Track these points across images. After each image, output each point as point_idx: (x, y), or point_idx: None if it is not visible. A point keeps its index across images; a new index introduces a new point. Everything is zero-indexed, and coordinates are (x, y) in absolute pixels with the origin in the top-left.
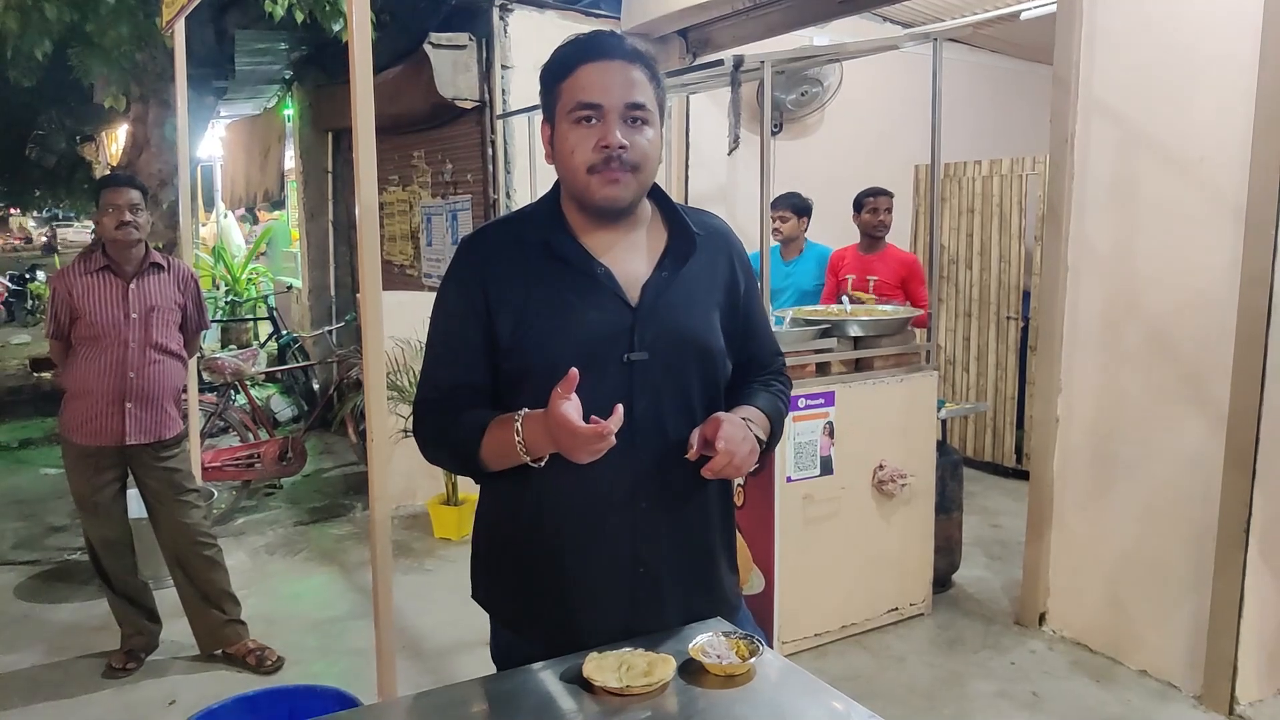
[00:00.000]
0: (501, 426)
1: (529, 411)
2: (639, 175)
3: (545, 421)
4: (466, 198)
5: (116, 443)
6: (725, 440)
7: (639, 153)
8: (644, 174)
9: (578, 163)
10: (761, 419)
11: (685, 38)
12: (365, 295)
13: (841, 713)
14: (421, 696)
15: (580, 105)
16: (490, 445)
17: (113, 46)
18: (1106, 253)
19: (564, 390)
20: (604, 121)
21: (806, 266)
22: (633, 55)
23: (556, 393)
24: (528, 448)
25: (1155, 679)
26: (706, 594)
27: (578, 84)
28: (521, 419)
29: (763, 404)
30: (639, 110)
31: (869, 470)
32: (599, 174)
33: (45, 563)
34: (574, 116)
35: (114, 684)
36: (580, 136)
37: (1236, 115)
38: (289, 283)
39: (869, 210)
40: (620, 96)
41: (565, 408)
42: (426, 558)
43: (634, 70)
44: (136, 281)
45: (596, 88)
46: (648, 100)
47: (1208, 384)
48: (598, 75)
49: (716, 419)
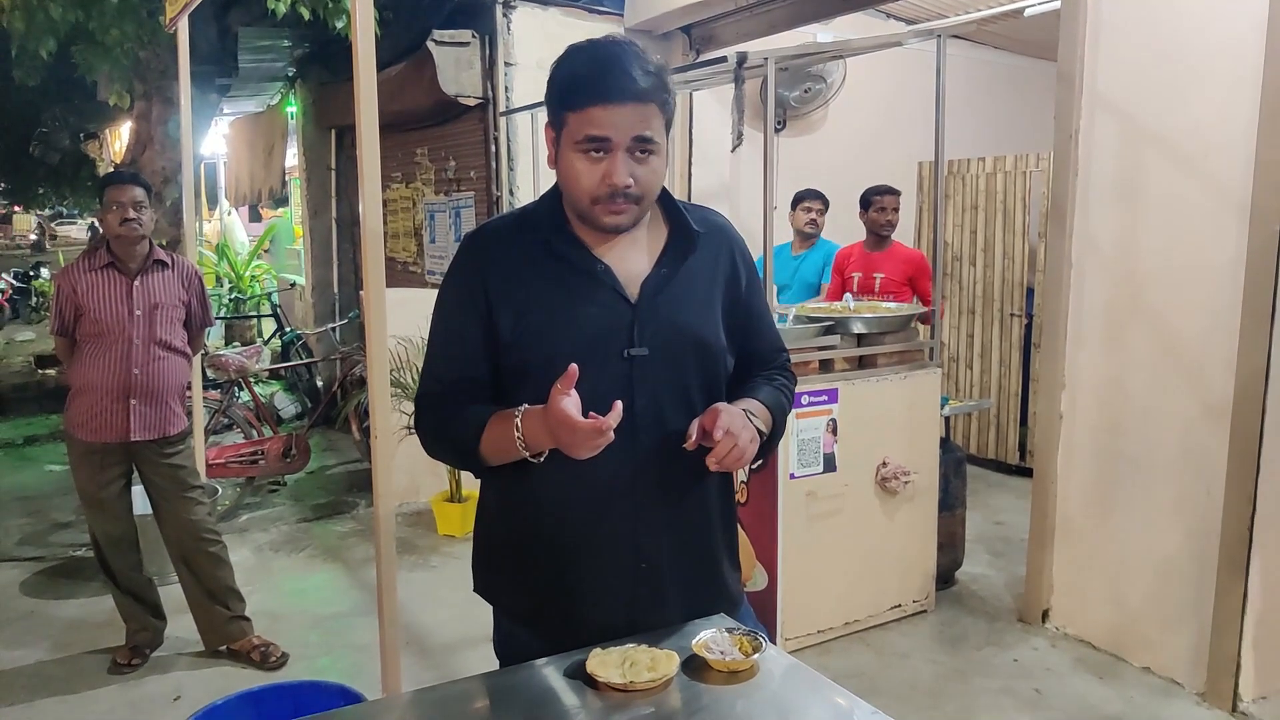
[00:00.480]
0: (501, 422)
1: (529, 407)
2: (642, 205)
3: (544, 417)
4: (470, 195)
5: (121, 439)
6: (724, 428)
7: (644, 186)
8: (646, 202)
9: (582, 190)
10: (763, 411)
11: (689, 34)
12: (369, 292)
13: (845, 709)
14: (424, 692)
15: (589, 139)
16: (490, 440)
17: (116, 44)
18: (1110, 249)
19: (563, 386)
20: (611, 156)
21: (814, 260)
22: (644, 95)
23: (556, 388)
24: (527, 443)
25: (1158, 676)
26: (708, 589)
27: (588, 119)
28: (521, 414)
29: (764, 397)
30: (646, 144)
31: (872, 467)
32: (603, 205)
33: (51, 559)
34: (581, 148)
35: (119, 680)
36: (586, 167)
37: (1241, 110)
38: (293, 280)
39: (876, 209)
40: (628, 132)
41: (565, 403)
42: (430, 554)
43: (647, 107)
44: (141, 279)
45: (606, 125)
46: (655, 134)
47: (1211, 380)
48: (610, 115)
49: (715, 409)
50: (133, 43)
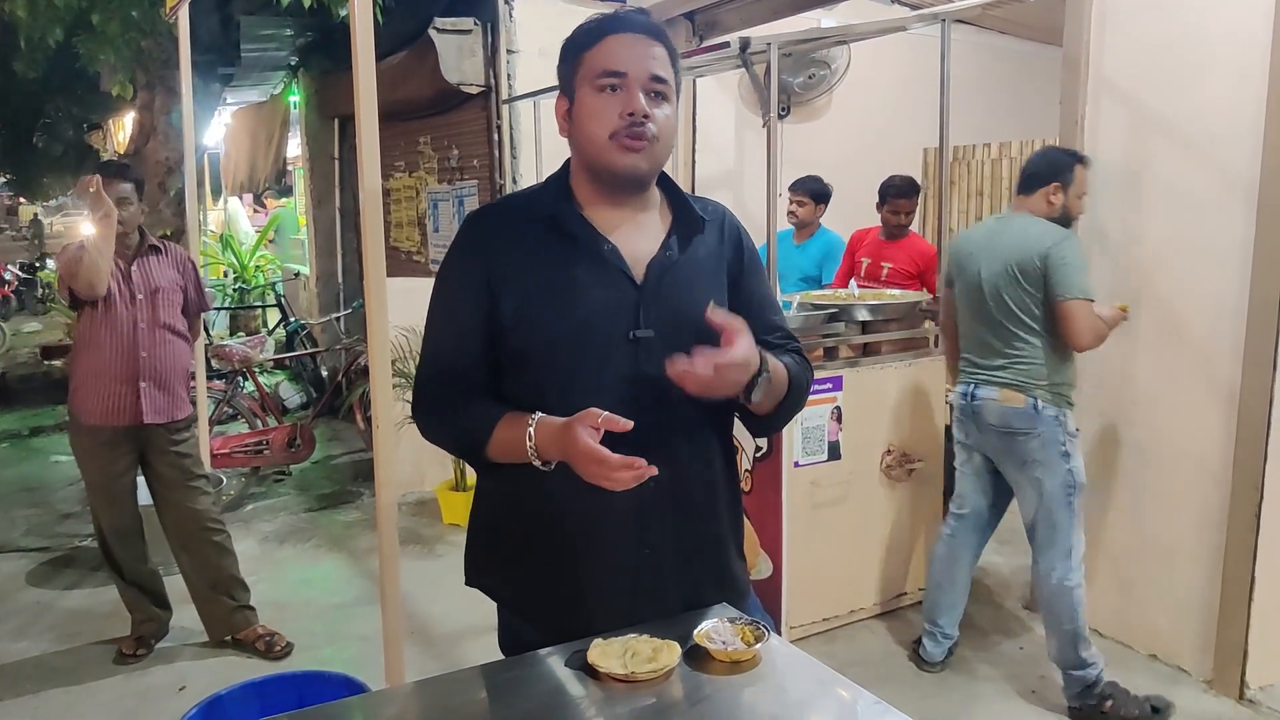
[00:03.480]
0: (513, 427)
1: (543, 417)
2: (656, 147)
3: (561, 441)
4: (473, 183)
5: (134, 422)
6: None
7: (659, 125)
8: (662, 147)
9: (599, 128)
10: (778, 367)
11: (692, 20)
12: (369, 282)
13: (847, 699)
14: (426, 683)
15: (605, 73)
16: (499, 443)
17: (118, 34)
18: (1116, 235)
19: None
20: (627, 90)
21: (811, 251)
22: (656, 32)
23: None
24: (539, 454)
25: (1165, 663)
26: (713, 579)
27: (603, 52)
28: (535, 425)
29: (786, 361)
30: (660, 84)
31: (877, 455)
32: (620, 140)
33: (56, 549)
34: (598, 84)
35: (124, 670)
36: (604, 103)
37: (1248, 96)
38: (297, 270)
39: (890, 209)
40: (644, 68)
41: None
42: (436, 543)
43: (657, 46)
44: (137, 264)
45: (622, 57)
46: (668, 76)
47: (1218, 367)
48: (623, 46)
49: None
50: (135, 32)
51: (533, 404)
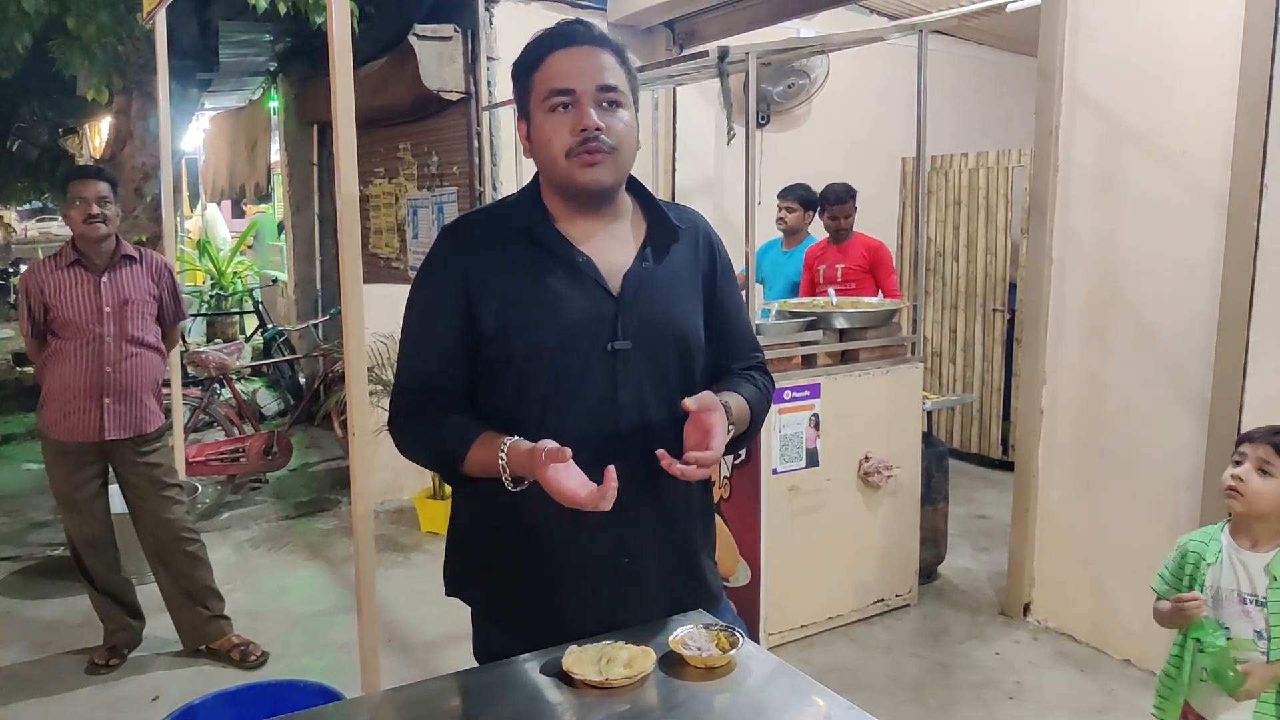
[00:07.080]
0: (488, 448)
1: (515, 441)
2: (617, 157)
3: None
4: (453, 190)
5: (96, 438)
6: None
7: (616, 135)
8: (622, 156)
9: (556, 149)
10: (742, 410)
11: (672, 29)
12: (346, 288)
13: (822, 705)
14: (400, 690)
15: (553, 92)
16: (475, 460)
17: (93, 39)
18: (1090, 245)
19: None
20: (578, 106)
21: (799, 259)
22: (600, 40)
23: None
24: (513, 475)
25: (1139, 668)
26: (689, 584)
27: (549, 72)
28: (507, 449)
29: (748, 395)
30: (612, 93)
31: (855, 462)
32: (577, 157)
33: (27, 559)
34: (548, 105)
35: (97, 680)
36: (556, 123)
37: (1219, 108)
38: (275, 276)
39: (829, 216)
40: (591, 80)
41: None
42: (413, 551)
43: (603, 54)
44: (109, 275)
45: (567, 73)
46: (619, 83)
47: (1190, 375)
48: (567, 61)
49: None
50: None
51: (511, 413)
